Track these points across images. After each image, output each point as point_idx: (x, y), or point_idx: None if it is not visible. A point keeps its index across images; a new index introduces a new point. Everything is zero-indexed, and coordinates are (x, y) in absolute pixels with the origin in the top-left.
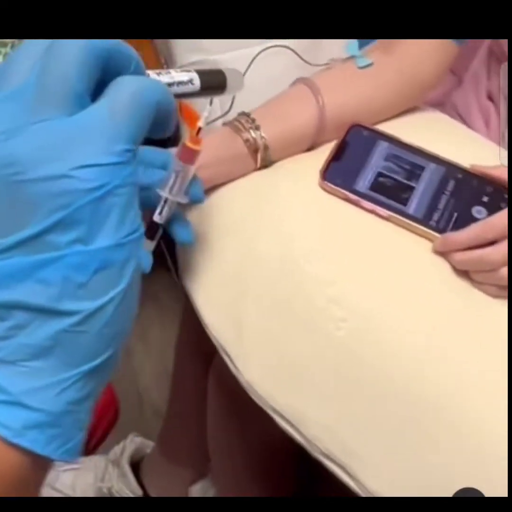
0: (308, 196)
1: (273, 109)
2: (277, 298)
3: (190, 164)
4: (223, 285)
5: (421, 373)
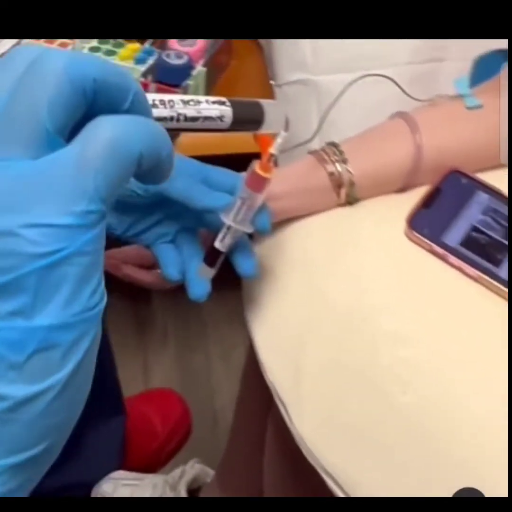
0: (390, 243)
1: (364, 142)
2: (340, 348)
3: (258, 193)
4: (285, 326)
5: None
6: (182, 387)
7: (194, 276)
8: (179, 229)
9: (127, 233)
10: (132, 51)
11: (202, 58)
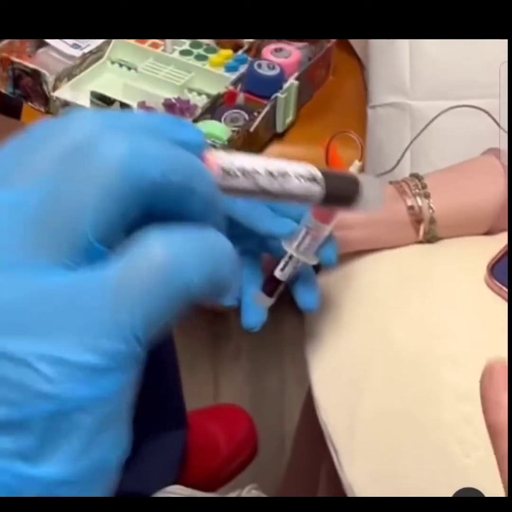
0: (468, 290)
1: (451, 177)
2: (402, 397)
3: (326, 224)
4: (344, 366)
5: None
6: (251, 407)
7: (250, 303)
8: (240, 251)
9: None
10: (224, 58)
11: (296, 71)
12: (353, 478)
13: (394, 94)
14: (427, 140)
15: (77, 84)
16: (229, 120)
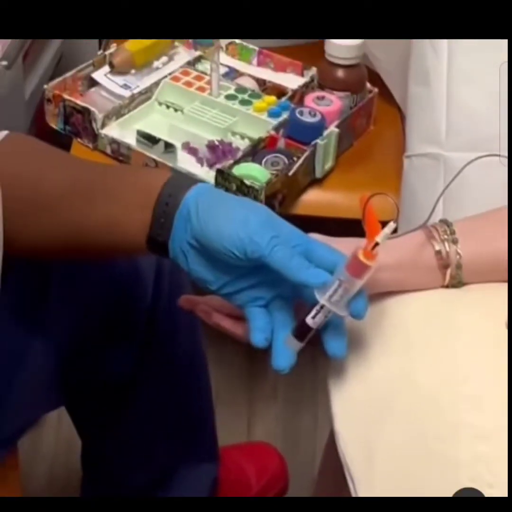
0: (491, 335)
1: (479, 225)
2: (420, 434)
3: (358, 278)
4: (365, 401)
5: None
6: (283, 446)
7: (281, 346)
8: (274, 296)
9: (221, 291)
10: (268, 104)
11: (337, 119)
12: None
13: (430, 144)
14: (460, 191)
15: (124, 122)
16: (269, 164)
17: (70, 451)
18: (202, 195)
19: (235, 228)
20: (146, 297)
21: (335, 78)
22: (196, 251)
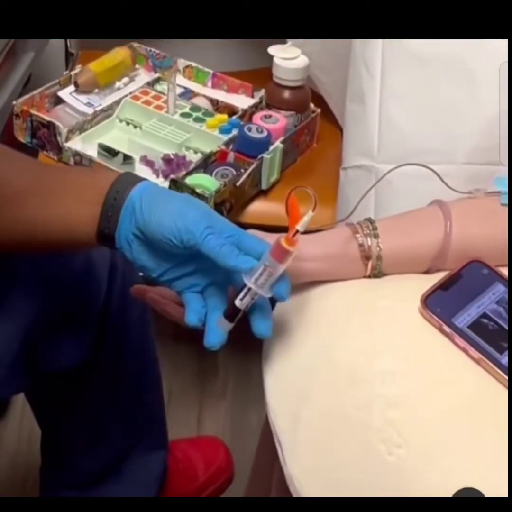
0: (403, 318)
1: (398, 222)
2: (339, 404)
3: (281, 263)
4: (292, 375)
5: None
6: (231, 440)
7: (212, 326)
8: (209, 283)
9: (162, 278)
10: (219, 121)
11: (282, 135)
12: (293, 471)
13: (363, 157)
14: (389, 200)
15: (87, 137)
16: (219, 175)
17: (32, 444)
18: (146, 190)
19: (173, 219)
20: (100, 289)
21: (282, 98)
22: (139, 241)
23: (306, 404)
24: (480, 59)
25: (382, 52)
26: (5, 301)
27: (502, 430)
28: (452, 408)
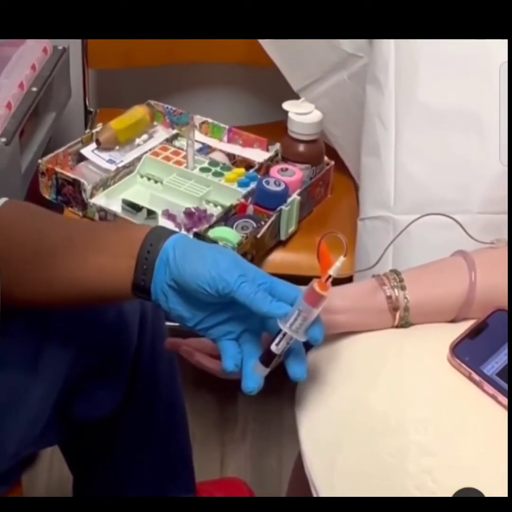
0: (432, 366)
1: (424, 274)
2: (373, 451)
3: (314, 307)
4: (326, 424)
5: None
6: (252, 481)
7: (249, 372)
8: (244, 329)
9: (197, 327)
10: (237, 175)
11: (299, 188)
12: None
13: (380, 208)
14: (407, 249)
15: (111, 193)
16: (240, 228)
17: (62, 488)
18: (178, 243)
19: (207, 268)
20: (131, 341)
21: (297, 152)
22: (174, 292)
23: (341, 451)
24: (490, 111)
25: (395, 106)
26: (39, 357)
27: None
28: (484, 453)
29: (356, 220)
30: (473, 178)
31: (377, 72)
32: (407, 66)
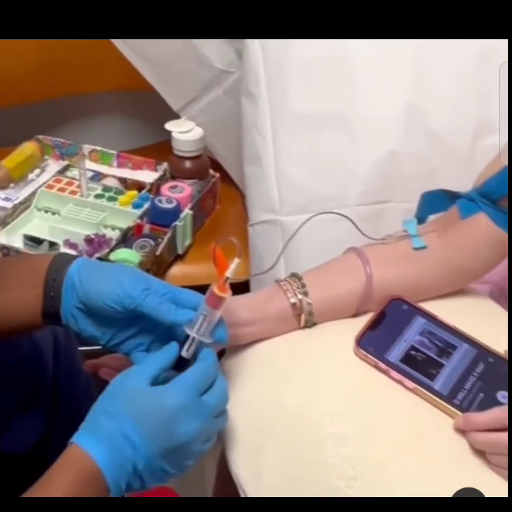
0: (340, 360)
1: (323, 275)
2: (294, 449)
3: (216, 310)
4: (248, 431)
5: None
6: (178, 489)
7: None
8: (153, 340)
9: (109, 344)
10: (131, 198)
11: (190, 202)
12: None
13: (267, 212)
14: (296, 248)
15: (11, 230)
16: (139, 247)
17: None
18: (82, 266)
19: (112, 286)
20: (48, 369)
21: (184, 168)
22: (84, 313)
23: (265, 456)
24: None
25: (270, 115)
26: None
27: (443, 449)
28: (396, 437)
29: (246, 226)
30: (348, 174)
31: (249, 85)
32: (276, 76)
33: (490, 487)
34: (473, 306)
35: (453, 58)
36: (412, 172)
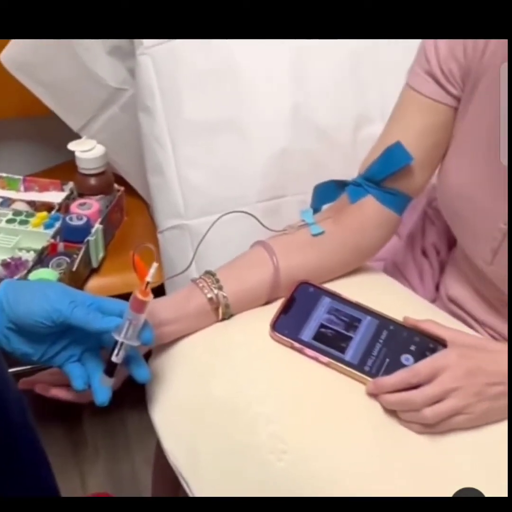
0: (258, 345)
1: (235, 270)
2: (226, 433)
3: (140, 313)
4: (181, 422)
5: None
6: (113, 490)
7: (97, 386)
8: (84, 350)
9: (42, 359)
10: (42, 219)
11: (99, 217)
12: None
13: (174, 218)
14: (206, 248)
15: None
16: (55, 266)
17: None
18: (7, 287)
19: (39, 303)
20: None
21: (89, 185)
22: (14, 333)
23: (199, 443)
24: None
25: (167, 126)
26: None
27: (359, 413)
28: (318, 408)
29: (155, 234)
30: (244, 174)
31: (144, 99)
32: (170, 89)
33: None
34: (371, 281)
35: (330, 57)
36: (303, 167)
